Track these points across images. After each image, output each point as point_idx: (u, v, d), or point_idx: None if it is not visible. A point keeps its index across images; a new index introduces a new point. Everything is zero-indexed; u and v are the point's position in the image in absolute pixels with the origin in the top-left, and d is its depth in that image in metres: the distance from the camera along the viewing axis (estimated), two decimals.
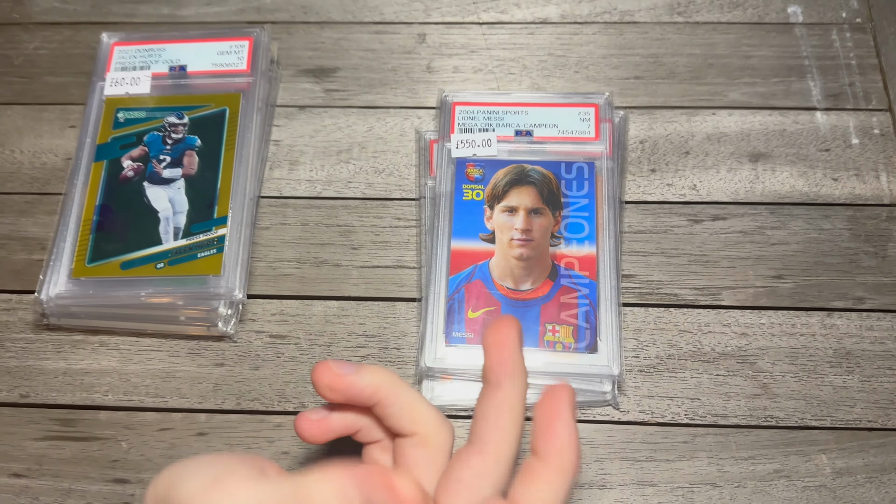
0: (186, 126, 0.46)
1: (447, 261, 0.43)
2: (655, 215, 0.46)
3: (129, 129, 0.46)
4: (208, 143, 0.46)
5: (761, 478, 0.40)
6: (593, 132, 0.46)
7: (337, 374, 0.29)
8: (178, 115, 0.47)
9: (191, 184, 0.45)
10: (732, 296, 0.44)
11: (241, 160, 0.45)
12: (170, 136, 0.46)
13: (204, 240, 0.43)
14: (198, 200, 0.44)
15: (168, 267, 0.42)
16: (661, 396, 0.42)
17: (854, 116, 0.49)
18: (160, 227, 0.44)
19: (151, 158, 0.46)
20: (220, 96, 0.47)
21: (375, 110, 0.50)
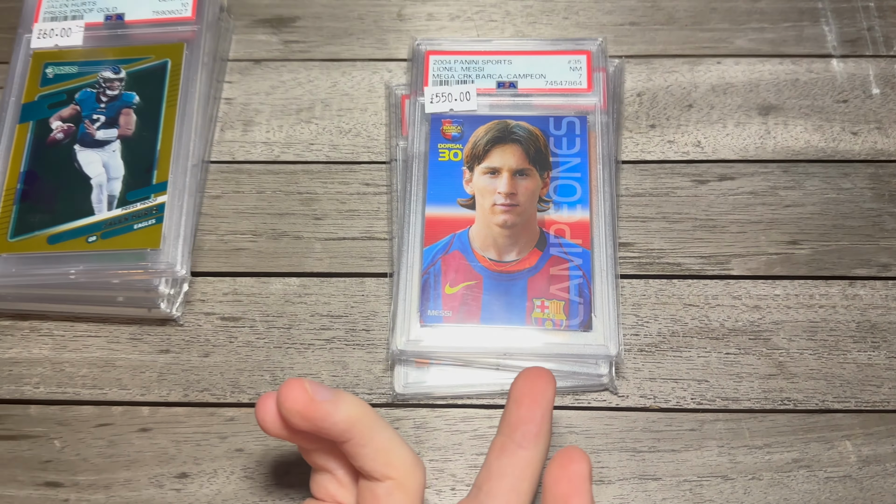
0: (123, 81, 0.41)
1: (421, 230, 0.38)
2: (655, 176, 0.41)
3: (59, 85, 0.41)
4: (148, 99, 0.40)
5: (778, 468, 0.35)
6: (585, 83, 0.41)
7: (312, 400, 0.26)
8: (114, 70, 0.41)
9: (127, 146, 0.39)
10: (743, 264, 0.39)
11: (184, 118, 0.39)
12: (104, 93, 0.41)
13: (141, 209, 0.37)
14: (135, 164, 0.39)
15: (101, 240, 0.37)
16: (665, 379, 0.37)
17: (874, 64, 0.44)
18: (92, 196, 0.38)
19: (84, 118, 0.40)
20: (161, 47, 0.41)
21: (340, 63, 0.45)
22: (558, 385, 0.37)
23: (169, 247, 0.37)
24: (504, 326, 0.36)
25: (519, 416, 0.28)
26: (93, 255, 0.37)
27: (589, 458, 0.26)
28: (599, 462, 0.36)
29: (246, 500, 0.35)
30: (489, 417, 0.37)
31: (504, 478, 0.27)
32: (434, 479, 0.36)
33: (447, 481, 0.36)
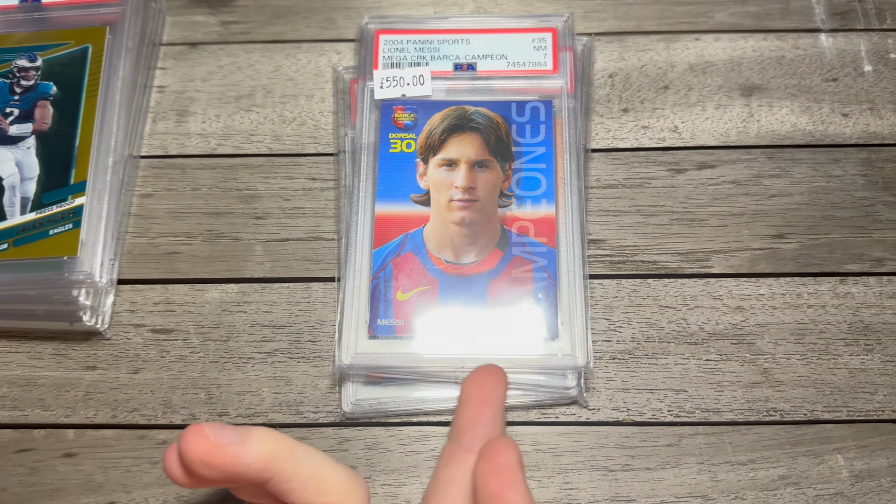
0: (39, 70, 0.38)
1: (370, 230, 0.35)
2: (629, 165, 0.38)
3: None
4: (67, 90, 0.37)
5: (764, 486, 0.33)
6: (550, 64, 0.38)
7: (216, 446, 0.23)
8: (30, 57, 0.38)
9: (44, 142, 0.36)
10: (724, 261, 0.36)
11: (105, 110, 0.36)
12: (18, 84, 0.38)
13: (57, 212, 0.34)
14: (51, 163, 0.35)
15: (13, 248, 0.34)
16: (640, 389, 0.34)
17: (866, 38, 0.41)
18: (4, 199, 0.35)
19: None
20: (81, 31, 0.38)
21: (284, 45, 0.41)
22: (522, 399, 0.34)
23: (87, 254, 0.34)
24: (462, 337, 0.33)
25: (468, 417, 0.26)
26: (5, 265, 0.33)
27: (517, 446, 0.24)
28: (568, 483, 0.33)
29: None
30: (447, 436, 0.33)
31: (452, 486, 0.25)
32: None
33: None
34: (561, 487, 0.33)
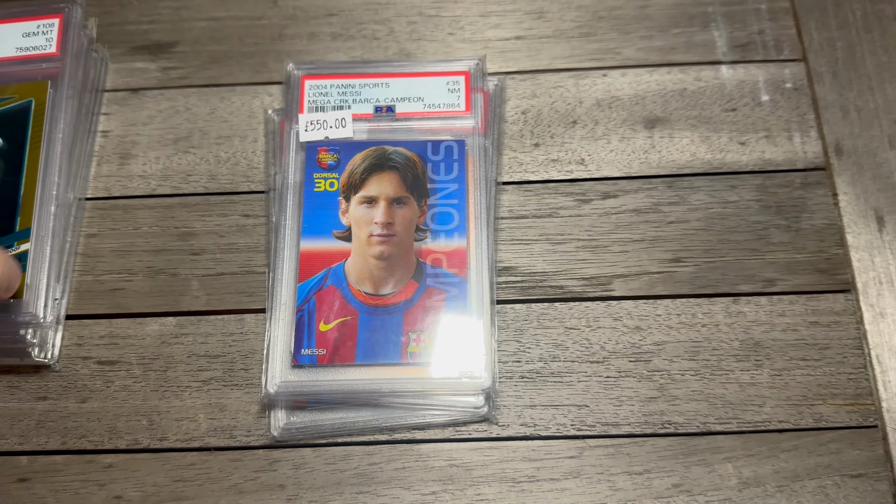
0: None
1: (296, 265, 0.38)
2: (539, 196, 0.41)
3: None
4: (11, 142, 0.39)
5: (658, 494, 0.36)
6: (464, 105, 0.40)
7: None
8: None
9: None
10: (624, 285, 0.39)
11: (49, 160, 0.38)
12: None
13: None
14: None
15: None
16: (546, 405, 0.37)
17: (764, 69, 0.44)
18: None
19: None
20: (24, 86, 0.40)
21: (219, 88, 0.44)
22: (439, 419, 0.37)
23: (32, 296, 0.36)
24: (379, 364, 0.36)
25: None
26: None
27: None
28: (479, 494, 0.36)
29: None
30: (369, 454, 0.36)
31: None
32: None
33: None
34: (472, 499, 0.36)
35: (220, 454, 0.37)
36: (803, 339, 0.38)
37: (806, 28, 0.45)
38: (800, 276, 0.39)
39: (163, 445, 0.37)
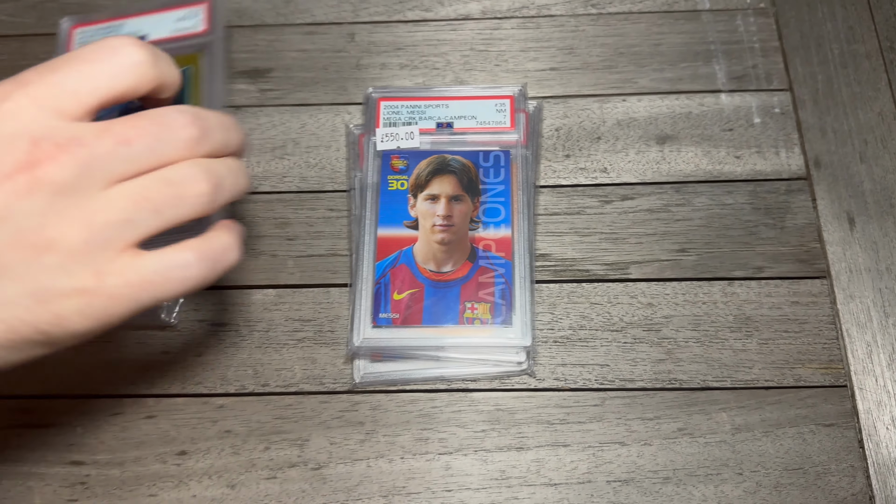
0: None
1: (374, 247, 0.47)
2: (569, 198, 0.50)
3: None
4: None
5: (666, 436, 0.43)
6: (509, 122, 0.49)
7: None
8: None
9: None
10: (639, 269, 0.47)
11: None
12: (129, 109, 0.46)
13: None
14: None
15: None
16: (574, 364, 0.45)
17: (756, 97, 0.52)
18: None
19: None
20: (181, 58, 0.46)
21: (308, 107, 0.53)
22: (487, 371, 0.45)
23: None
24: (441, 326, 0.45)
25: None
26: None
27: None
28: (520, 433, 0.44)
29: (233, 471, 0.43)
30: (431, 399, 0.45)
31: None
32: (386, 450, 0.44)
33: (398, 452, 0.44)
34: (515, 436, 0.44)
35: (311, 397, 0.45)
36: (786, 315, 0.46)
37: (792, 63, 0.53)
38: (784, 264, 0.47)
39: (265, 390, 0.45)
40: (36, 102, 0.27)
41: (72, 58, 0.28)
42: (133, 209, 0.28)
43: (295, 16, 0.56)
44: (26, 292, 0.27)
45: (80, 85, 0.28)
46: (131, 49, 0.29)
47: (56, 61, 0.29)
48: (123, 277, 0.28)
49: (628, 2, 0.55)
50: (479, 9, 0.56)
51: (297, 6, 0.56)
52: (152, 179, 0.28)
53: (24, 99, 0.27)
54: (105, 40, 0.29)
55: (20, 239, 0.26)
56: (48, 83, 0.28)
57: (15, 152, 0.26)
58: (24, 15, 0.58)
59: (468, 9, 0.56)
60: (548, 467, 0.43)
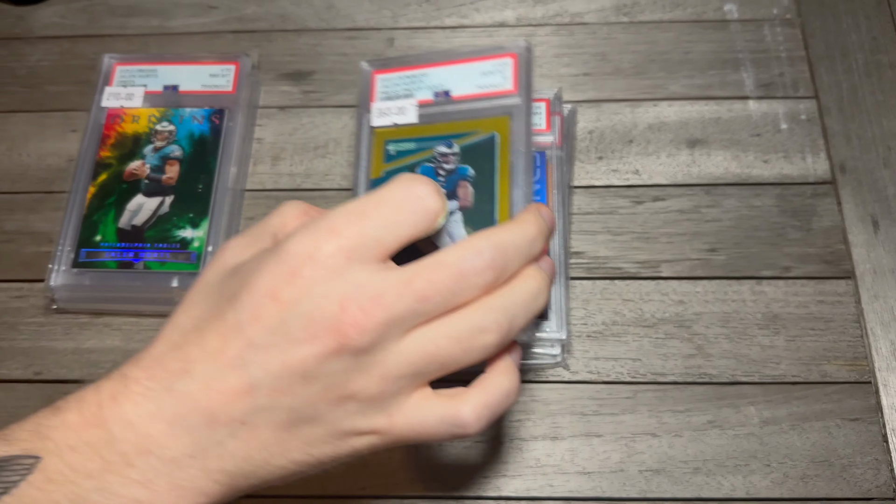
0: (457, 155, 0.44)
1: None
2: (602, 198, 0.51)
3: (401, 161, 0.45)
4: (481, 172, 0.43)
5: (696, 428, 0.45)
6: (544, 124, 0.51)
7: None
8: (448, 144, 0.44)
9: (468, 216, 0.42)
10: (671, 268, 0.49)
11: (515, 188, 0.42)
12: (441, 168, 0.44)
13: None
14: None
15: None
16: (607, 358, 0.47)
17: (783, 104, 0.54)
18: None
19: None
20: (487, 121, 0.44)
21: (349, 109, 0.55)
22: (524, 362, 0.46)
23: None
24: None
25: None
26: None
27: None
28: (555, 423, 0.45)
29: None
30: None
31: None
32: None
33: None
34: (550, 426, 0.45)
35: None
36: (812, 314, 0.47)
37: (818, 72, 0.55)
38: (810, 265, 0.49)
39: None
40: (345, 254, 0.29)
41: (381, 203, 0.30)
42: (422, 364, 0.30)
43: (336, 21, 0.58)
44: (331, 433, 0.30)
45: (386, 233, 0.30)
46: (433, 200, 0.30)
47: (366, 205, 0.30)
48: (408, 422, 0.31)
49: (659, 11, 0.57)
50: (514, 16, 0.58)
51: (338, 12, 0.58)
52: (443, 335, 0.30)
53: (337, 252, 0.29)
54: (411, 185, 0.30)
55: (327, 394, 0.29)
56: (358, 234, 0.29)
57: (325, 314, 0.28)
58: (75, 17, 0.60)
59: (503, 16, 0.58)
60: (581, 456, 0.44)
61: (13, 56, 0.59)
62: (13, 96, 0.57)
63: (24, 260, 0.51)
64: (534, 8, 0.58)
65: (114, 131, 0.52)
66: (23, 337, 0.49)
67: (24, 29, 0.60)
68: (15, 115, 0.56)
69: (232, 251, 0.33)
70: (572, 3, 0.58)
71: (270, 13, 0.59)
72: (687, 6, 0.57)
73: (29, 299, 0.50)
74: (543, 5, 0.58)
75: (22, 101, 0.57)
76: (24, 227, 0.52)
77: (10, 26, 0.60)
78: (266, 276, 0.29)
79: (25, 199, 0.53)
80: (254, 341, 0.29)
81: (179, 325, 0.31)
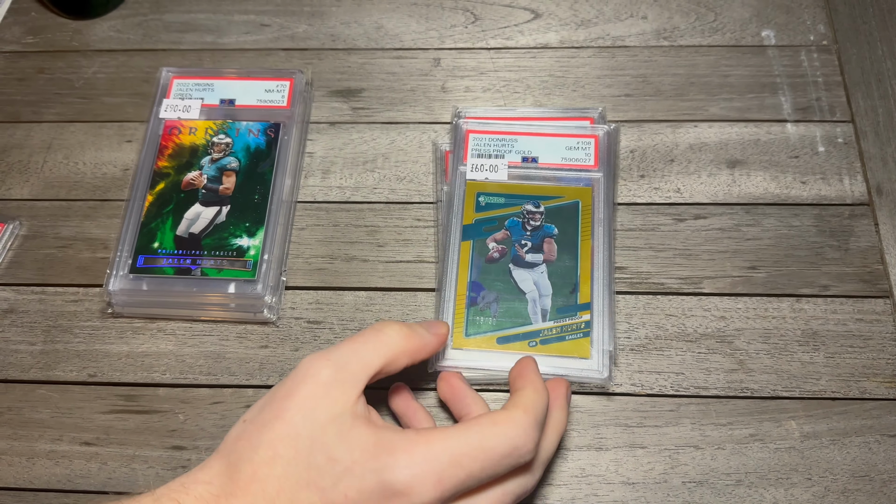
0: (543, 214, 0.49)
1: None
2: (644, 215, 0.53)
3: (490, 213, 0.50)
4: (564, 231, 0.49)
5: (738, 441, 0.45)
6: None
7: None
8: (535, 204, 0.50)
9: (552, 269, 0.48)
10: (712, 284, 0.50)
11: (599, 251, 0.48)
12: (528, 223, 0.49)
13: (570, 324, 0.46)
14: (560, 285, 0.47)
15: (540, 346, 0.46)
16: (650, 371, 0.48)
17: (820, 127, 0.55)
18: (528, 308, 0.47)
19: (514, 242, 0.48)
20: (571, 189, 0.50)
21: (397, 125, 0.57)
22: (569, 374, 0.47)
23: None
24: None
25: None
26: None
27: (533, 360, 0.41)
28: (599, 434, 0.46)
29: None
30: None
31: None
32: None
33: None
34: (594, 437, 0.46)
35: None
36: (851, 332, 0.48)
37: (854, 97, 0.56)
38: (848, 284, 0.50)
39: None
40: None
41: (486, 458, 0.35)
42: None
43: (385, 41, 0.60)
44: None
45: (476, 478, 0.35)
46: (390, 330, 0.39)
47: (473, 457, 0.35)
48: None
49: (699, 35, 0.59)
50: (557, 39, 0.59)
51: (386, 32, 0.60)
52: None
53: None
54: (516, 443, 0.36)
55: None
56: (456, 484, 0.34)
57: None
58: (131, 31, 0.62)
59: (546, 38, 0.59)
60: (626, 467, 0.45)
61: (70, 68, 0.61)
62: (70, 107, 0.59)
63: (80, 265, 0.53)
64: (576, 31, 0.60)
65: (171, 142, 0.53)
66: (78, 340, 0.50)
67: (81, 42, 0.62)
68: (72, 125, 0.58)
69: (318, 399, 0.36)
70: (614, 27, 0.60)
71: (321, 32, 0.60)
72: (725, 31, 0.59)
73: (84, 303, 0.51)
74: (585, 29, 0.60)
75: (78, 112, 0.59)
76: (80, 234, 0.54)
77: (68, 39, 0.62)
78: (358, 485, 0.33)
79: (81, 207, 0.55)
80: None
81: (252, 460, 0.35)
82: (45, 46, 0.62)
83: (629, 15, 0.60)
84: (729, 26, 0.59)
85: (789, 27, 0.59)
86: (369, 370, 0.37)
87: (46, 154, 0.57)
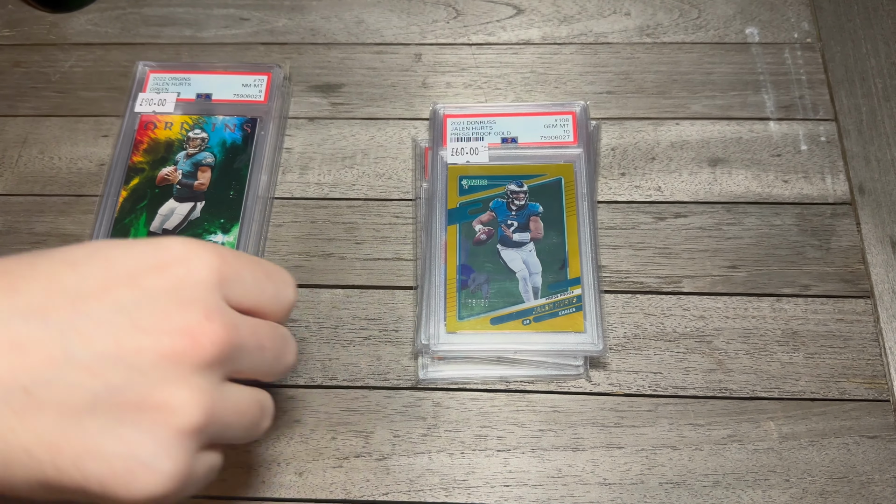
0: (527, 194, 0.50)
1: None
2: (625, 213, 0.52)
3: (474, 195, 0.50)
4: (549, 209, 0.49)
5: (716, 442, 0.45)
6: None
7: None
8: (518, 183, 0.50)
9: (540, 247, 0.48)
10: (692, 283, 0.50)
11: (582, 226, 0.49)
12: (513, 203, 0.49)
13: (562, 299, 0.46)
14: (549, 262, 0.48)
15: (534, 323, 0.46)
16: (628, 371, 0.47)
17: (803, 126, 0.55)
18: (520, 287, 0.47)
19: (500, 223, 0.49)
20: (553, 166, 0.51)
21: (376, 121, 0.56)
22: (547, 373, 0.47)
23: None
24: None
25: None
26: None
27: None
28: (576, 434, 0.46)
29: (301, 459, 0.46)
30: (490, 399, 0.47)
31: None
32: (447, 445, 0.46)
33: (458, 447, 0.46)
34: (571, 437, 0.46)
35: (376, 391, 0.47)
36: (831, 332, 0.48)
37: (837, 95, 0.56)
38: (829, 283, 0.50)
39: (332, 383, 0.47)
40: (219, 275, 0.29)
41: (265, 267, 0.32)
42: (232, 416, 0.30)
43: (366, 36, 0.59)
44: (111, 437, 0.27)
45: (253, 290, 0.31)
46: (291, 286, 0.34)
47: (253, 259, 0.32)
48: (197, 466, 0.29)
49: (682, 32, 0.58)
50: (540, 35, 0.59)
51: (367, 27, 0.60)
52: (254, 402, 0.32)
53: (213, 270, 0.29)
54: (284, 277, 0.34)
55: (137, 393, 0.27)
56: (237, 270, 0.30)
57: (185, 316, 0.27)
58: (108, 25, 0.61)
59: (529, 34, 0.59)
60: (602, 467, 0.45)
61: (47, 62, 0.60)
62: (46, 101, 0.58)
63: None
64: (559, 27, 0.59)
65: (147, 137, 0.53)
66: None
67: (58, 36, 0.61)
68: (48, 120, 0.58)
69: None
70: (596, 23, 0.59)
71: (301, 27, 0.60)
72: (709, 29, 0.59)
73: None
74: (568, 25, 0.59)
75: (54, 106, 0.58)
76: (54, 230, 0.53)
77: (45, 33, 0.61)
78: (132, 259, 0.28)
79: (56, 202, 0.54)
80: (88, 313, 0.26)
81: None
82: (22, 39, 0.61)
83: (612, 11, 0.60)
84: (713, 23, 0.59)
85: (773, 24, 0.58)
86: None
87: (21, 148, 0.56)
